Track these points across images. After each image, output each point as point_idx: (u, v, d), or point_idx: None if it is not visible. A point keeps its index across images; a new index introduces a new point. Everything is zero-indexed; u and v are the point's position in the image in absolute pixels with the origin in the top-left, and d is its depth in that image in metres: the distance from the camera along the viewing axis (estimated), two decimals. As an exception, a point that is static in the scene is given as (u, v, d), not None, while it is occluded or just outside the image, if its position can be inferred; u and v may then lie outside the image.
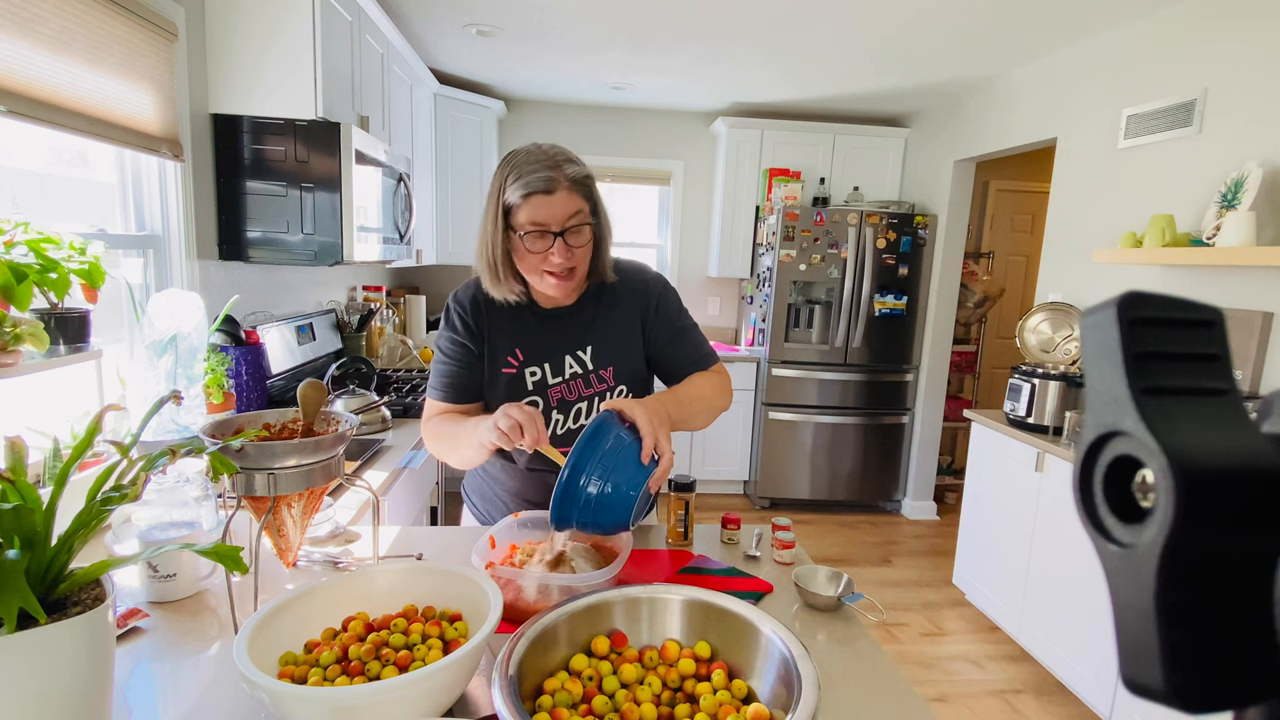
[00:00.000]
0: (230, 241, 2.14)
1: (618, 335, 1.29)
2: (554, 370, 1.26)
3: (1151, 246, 2.28)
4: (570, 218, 1.13)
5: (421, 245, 3.63)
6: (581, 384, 1.26)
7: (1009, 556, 2.71)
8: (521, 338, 1.26)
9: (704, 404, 1.25)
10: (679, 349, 1.32)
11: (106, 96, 1.60)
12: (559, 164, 1.12)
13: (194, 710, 0.82)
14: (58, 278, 1.27)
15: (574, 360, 1.26)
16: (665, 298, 1.32)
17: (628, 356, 1.29)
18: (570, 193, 1.12)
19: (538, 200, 1.11)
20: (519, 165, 1.12)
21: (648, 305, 1.30)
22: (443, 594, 0.92)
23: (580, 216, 1.14)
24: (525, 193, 1.10)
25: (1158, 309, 0.25)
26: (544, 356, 1.26)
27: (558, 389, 1.26)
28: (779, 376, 4.06)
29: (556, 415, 1.25)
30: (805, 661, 0.75)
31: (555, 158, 1.13)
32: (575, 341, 1.27)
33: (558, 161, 1.12)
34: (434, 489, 2.66)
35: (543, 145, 1.15)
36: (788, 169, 4.24)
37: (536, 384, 1.25)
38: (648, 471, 1.02)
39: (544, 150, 1.14)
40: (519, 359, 1.26)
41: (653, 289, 1.32)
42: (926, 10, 2.62)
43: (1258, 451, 0.23)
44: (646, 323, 1.30)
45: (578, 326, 1.27)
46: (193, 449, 0.79)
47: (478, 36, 3.17)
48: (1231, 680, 0.23)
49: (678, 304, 1.35)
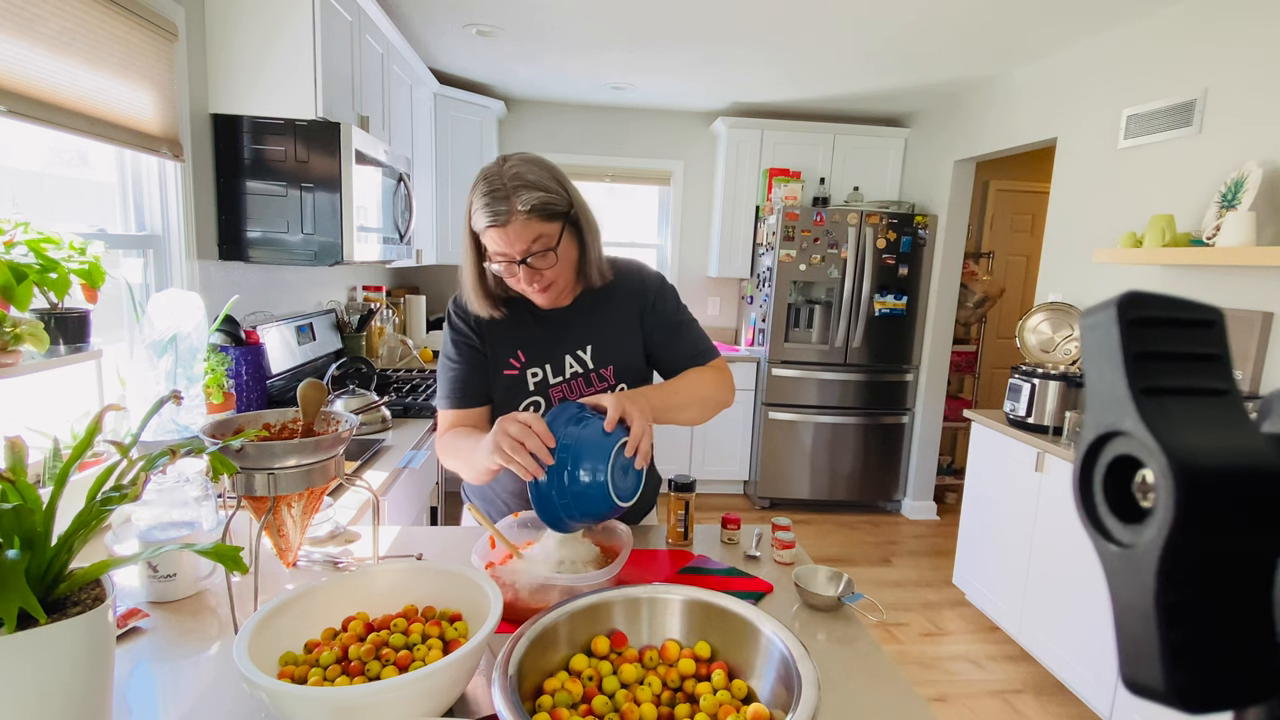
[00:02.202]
0: (230, 241, 2.14)
1: (617, 334, 1.29)
2: (555, 370, 1.26)
3: (1151, 246, 2.28)
4: (530, 244, 1.10)
5: (421, 245, 3.63)
6: (582, 383, 1.27)
7: (1009, 556, 2.71)
8: (522, 339, 1.26)
9: (693, 394, 1.22)
10: (675, 345, 1.32)
11: (106, 96, 1.60)
12: (511, 193, 1.07)
13: (194, 710, 0.82)
14: (58, 278, 1.27)
15: (574, 360, 1.27)
16: (662, 294, 1.32)
17: (627, 355, 1.30)
18: (526, 221, 1.08)
19: (494, 232, 1.09)
20: (480, 193, 1.10)
21: (645, 302, 1.31)
22: (443, 594, 0.92)
23: (541, 242, 1.11)
24: (485, 224, 1.09)
25: (1158, 309, 0.25)
26: (545, 357, 1.26)
27: (559, 389, 1.26)
28: (779, 376, 4.06)
29: None
30: (805, 661, 0.75)
31: (509, 185, 1.08)
32: (575, 341, 1.27)
33: (510, 190, 1.07)
34: (434, 489, 2.66)
35: (505, 168, 1.10)
36: (788, 169, 4.24)
37: (538, 384, 1.26)
38: (614, 439, 0.99)
39: (502, 176, 1.09)
40: (521, 360, 1.26)
41: (650, 286, 1.32)
42: (927, 10, 2.62)
43: (1258, 451, 0.23)
44: (644, 320, 1.31)
45: (577, 326, 1.28)
46: (193, 449, 0.79)
47: (478, 36, 3.17)
48: (1231, 680, 0.23)
49: (675, 300, 1.35)
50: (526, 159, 1.12)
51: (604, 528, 1.19)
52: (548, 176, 1.12)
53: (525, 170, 1.09)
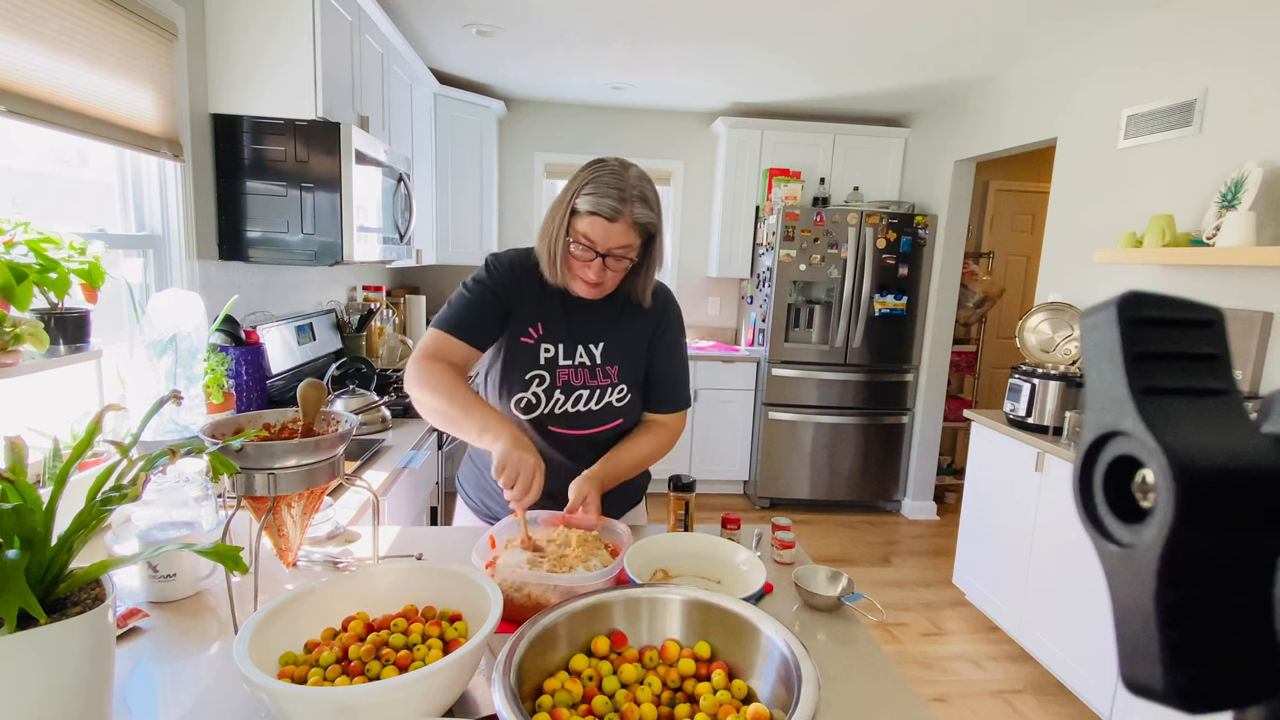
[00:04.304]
0: (230, 241, 2.14)
1: (629, 341, 1.35)
2: (566, 354, 1.31)
3: (1151, 246, 2.28)
4: (619, 247, 1.19)
5: (421, 245, 3.62)
6: (588, 374, 1.31)
7: (1009, 556, 2.71)
8: (545, 315, 1.31)
9: (633, 463, 1.34)
10: (659, 380, 1.38)
11: (106, 96, 1.60)
12: (631, 199, 1.17)
13: (194, 710, 0.82)
14: (58, 278, 1.27)
15: (585, 351, 1.31)
16: (673, 329, 1.40)
17: (633, 362, 1.35)
18: (629, 228, 1.18)
19: (598, 221, 1.17)
20: (598, 180, 1.18)
21: (659, 326, 1.38)
22: (443, 594, 0.92)
23: (628, 250, 1.21)
24: (590, 210, 1.17)
25: (1157, 309, 0.25)
26: (561, 338, 1.30)
27: (566, 371, 1.30)
28: (779, 376, 4.06)
29: (559, 395, 1.30)
30: (805, 661, 0.75)
31: (630, 192, 1.17)
32: (591, 334, 1.32)
33: (631, 198, 1.17)
34: (434, 489, 2.66)
35: (629, 173, 1.20)
36: (788, 169, 4.24)
37: (549, 360, 1.30)
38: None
39: (627, 179, 1.18)
40: (538, 332, 1.30)
41: (669, 315, 1.40)
42: (927, 10, 2.62)
43: (1258, 451, 0.23)
44: (653, 341, 1.37)
45: (598, 322, 1.33)
46: (193, 449, 0.79)
47: (478, 36, 3.17)
48: (1231, 680, 0.23)
49: (682, 340, 1.42)
50: (645, 176, 1.23)
51: (604, 527, 1.19)
52: (656, 201, 1.23)
53: (646, 188, 1.21)
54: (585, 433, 1.32)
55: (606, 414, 1.32)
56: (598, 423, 1.32)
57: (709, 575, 1.14)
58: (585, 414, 1.31)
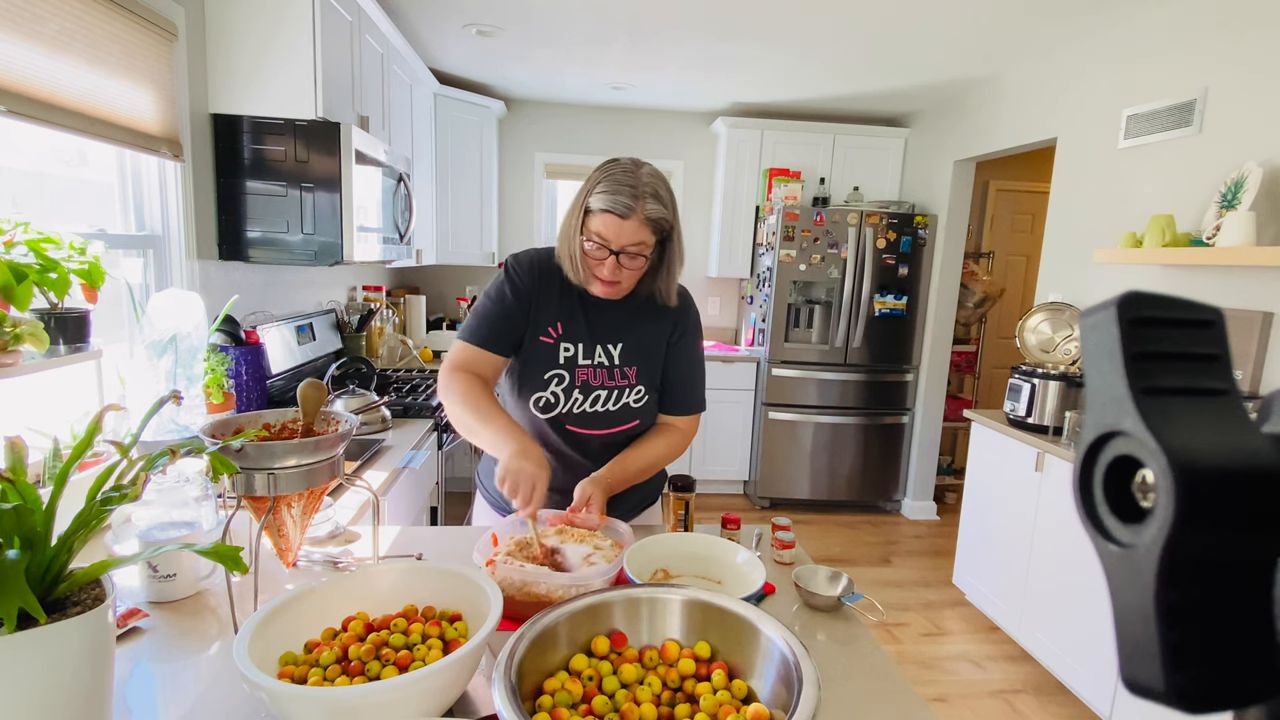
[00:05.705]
0: (230, 241, 2.14)
1: (647, 343, 1.35)
2: (585, 353, 1.31)
3: (1151, 246, 2.28)
4: (632, 245, 1.20)
5: (421, 245, 3.62)
6: (605, 374, 1.32)
7: (1009, 556, 2.71)
8: (565, 314, 1.31)
9: (645, 464, 1.34)
10: (675, 384, 1.39)
11: (106, 96, 1.60)
12: (642, 196, 1.18)
13: (194, 710, 0.82)
14: (58, 278, 1.27)
15: (604, 351, 1.32)
16: (692, 333, 1.40)
17: (650, 364, 1.36)
18: (640, 225, 1.19)
19: (610, 219, 1.18)
20: (611, 178, 1.19)
21: (677, 330, 1.38)
22: (443, 594, 0.92)
23: (641, 247, 1.21)
24: (603, 208, 1.18)
25: (1157, 309, 0.25)
26: (580, 337, 1.31)
27: (585, 371, 1.31)
28: (779, 376, 4.06)
29: (577, 394, 1.30)
30: (805, 661, 0.75)
31: (644, 189, 1.18)
32: (610, 334, 1.33)
33: (643, 194, 1.18)
34: (434, 489, 2.66)
35: (641, 171, 1.20)
36: (788, 169, 4.24)
37: (568, 359, 1.31)
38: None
39: (639, 177, 1.19)
40: (558, 331, 1.31)
41: (688, 318, 1.40)
42: (927, 10, 2.62)
43: (1258, 451, 0.23)
44: (670, 344, 1.37)
45: (616, 322, 1.33)
46: (193, 449, 0.79)
47: (478, 36, 3.17)
48: (1231, 680, 0.23)
49: (699, 344, 1.43)
50: (659, 174, 1.23)
51: (605, 526, 1.19)
52: (670, 199, 1.23)
53: (658, 185, 1.21)
54: (602, 433, 1.33)
55: (624, 415, 1.33)
56: (615, 423, 1.33)
57: (709, 575, 1.14)
58: (603, 414, 1.31)
